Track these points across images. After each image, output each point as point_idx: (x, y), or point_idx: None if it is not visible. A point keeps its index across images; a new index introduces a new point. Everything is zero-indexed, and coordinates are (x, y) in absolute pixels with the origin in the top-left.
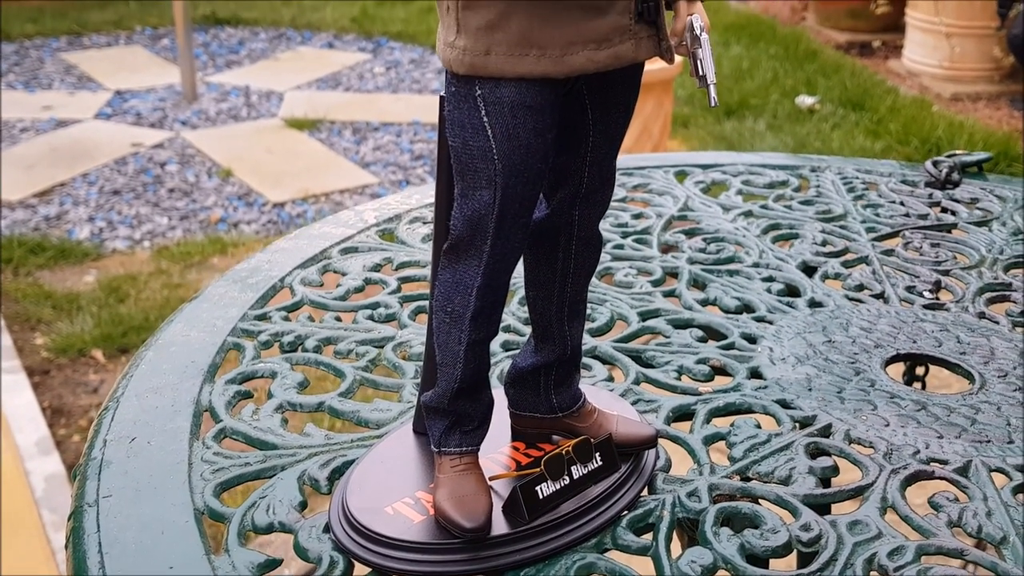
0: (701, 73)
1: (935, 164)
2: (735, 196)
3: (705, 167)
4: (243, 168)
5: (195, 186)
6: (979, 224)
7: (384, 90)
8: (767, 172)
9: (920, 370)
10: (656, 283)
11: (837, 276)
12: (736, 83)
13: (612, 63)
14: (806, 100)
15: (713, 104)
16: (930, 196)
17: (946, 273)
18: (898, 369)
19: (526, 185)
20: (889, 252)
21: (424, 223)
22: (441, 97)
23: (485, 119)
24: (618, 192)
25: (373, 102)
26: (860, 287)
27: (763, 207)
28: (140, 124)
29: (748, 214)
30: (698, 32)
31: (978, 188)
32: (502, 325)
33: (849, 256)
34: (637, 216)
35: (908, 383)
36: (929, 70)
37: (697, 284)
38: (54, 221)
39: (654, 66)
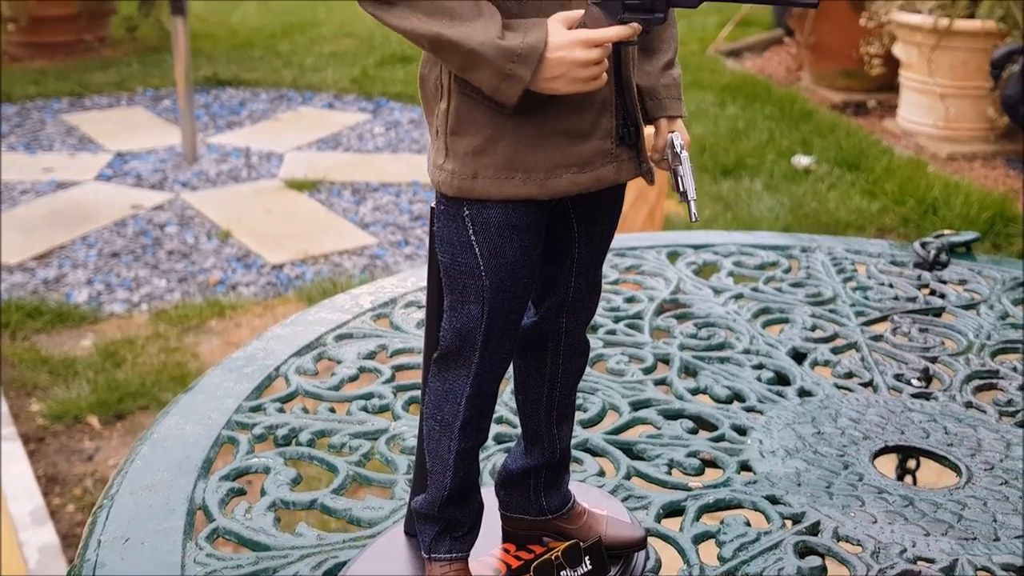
0: (682, 189)
1: (923, 245)
2: (726, 278)
3: (697, 247)
4: (242, 230)
5: (194, 248)
6: (967, 307)
7: (384, 150)
8: (758, 252)
9: (912, 463)
10: (648, 370)
11: (827, 363)
12: (732, 143)
13: (594, 185)
14: (802, 160)
15: (693, 219)
16: (919, 278)
17: (934, 360)
18: (886, 460)
19: (513, 300)
20: (878, 337)
21: (419, 307)
22: (431, 208)
23: (473, 238)
24: (611, 274)
25: (373, 162)
26: (849, 374)
27: (754, 290)
28: (140, 186)
29: (739, 297)
30: (678, 150)
31: (966, 269)
32: (495, 416)
33: (839, 342)
34: (629, 299)
35: (900, 477)
36: (924, 130)
37: (688, 371)
38: (52, 284)
39: (650, 128)
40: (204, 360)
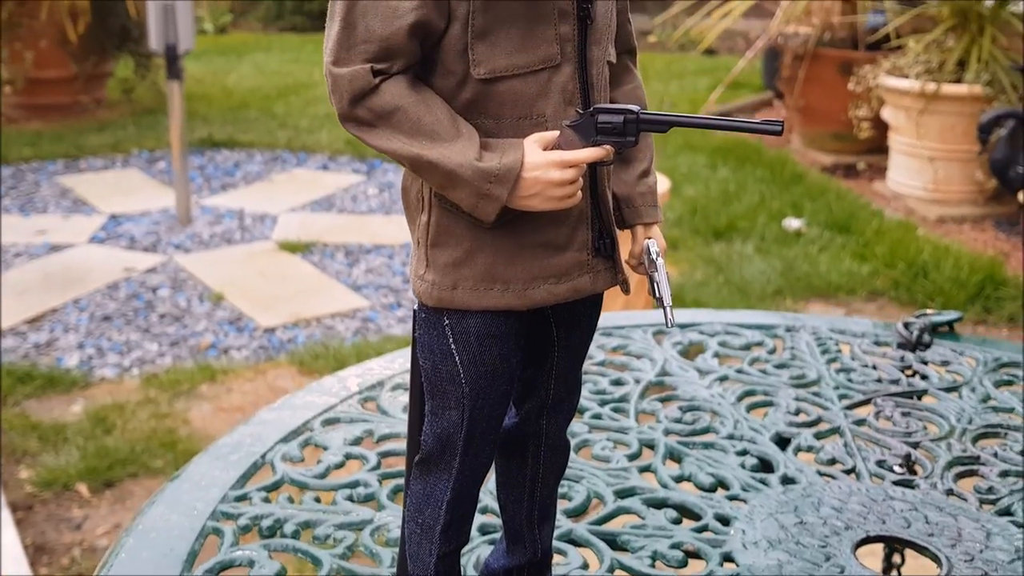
0: (658, 295)
1: (906, 326)
2: (712, 359)
3: (684, 327)
4: (235, 292)
5: (186, 311)
6: (949, 390)
7: (377, 212)
8: (744, 332)
9: (897, 558)
10: (632, 457)
11: (810, 448)
12: (724, 206)
13: (571, 296)
14: (793, 223)
15: (670, 325)
16: (902, 359)
17: (916, 445)
18: (868, 550)
19: (493, 406)
20: (861, 422)
21: (406, 390)
22: (415, 311)
23: (453, 347)
24: (597, 354)
25: (366, 224)
26: (832, 461)
27: (739, 371)
28: (133, 248)
29: (724, 378)
30: (654, 256)
31: (949, 350)
32: (479, 506)
33: (822, 426)
34: (616, 382)
35: (886, 571)
36: (914, 192)
37: (673, 457)
38: (44, 348)
39: None
40: (194, 426)
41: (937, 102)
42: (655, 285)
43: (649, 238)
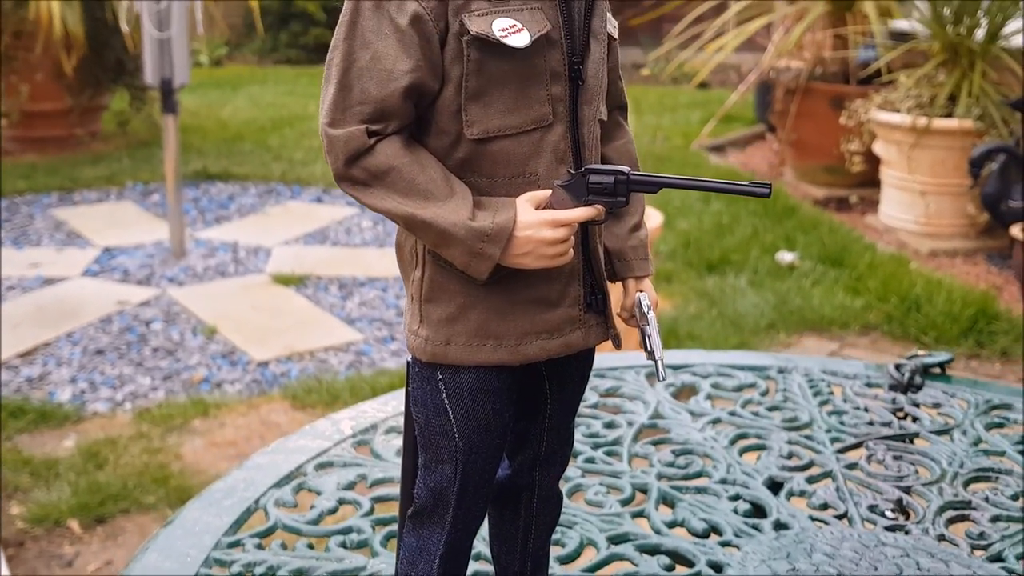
0: (649, 348)
1: (898, 367)
2: (704, 401)
3: (676, 368)
4: (228, 326)
5: (179, 345)
6: (941, 432)
7: (371, 244)
8: (736, 373)
9: None
10: (625, 502)
11: (803, 493)
12: (717, 239)
13: (563, 351)
14: (786, 256)
15: (661, 378)
16: (893, 401)
17: (908, 490)
18: None
19: (486, 460)
20: (853, 465)
21: (399, 433)
22: (408, 363)
23: (446, 401)
24: (591, 396)
25: (360, 257)
26: (824, 506)
27: (732, 414)
28: (127, 281)
29: (717, 421)
30: (645, 310)
31: (940, 392)
32: (473, 553)
33: (814, 470)
34: (608, 425)
35: None
36: (906, 226)
37: (666, 502)
38: (36, 382)
39: None
40: (187, 461)
41: (928, 136)
42: (647, 339)
43: (641, 291)
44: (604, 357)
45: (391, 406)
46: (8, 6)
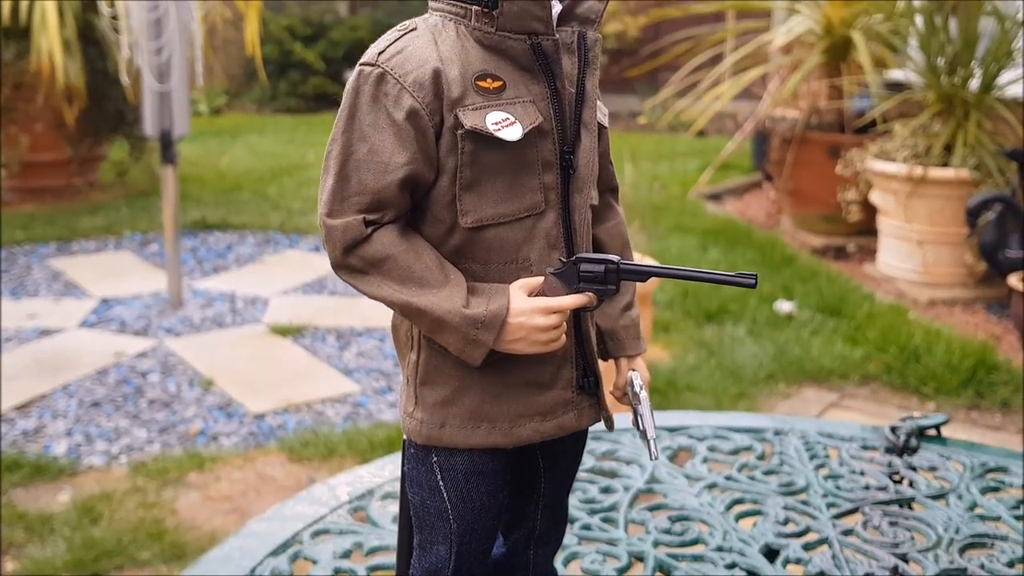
0: (641, 428)
1: (893, 430)
2: (701, 464)
3: (673, 430)
4: (225, 377)
5: (176, 397)
6: (937, 497)
7: None
8: (733, 436)
9: None
10: (622, 570)
11: (799, 561)
12: (715, 288)
13: (557, 433)
14: (784, 306)
15: (653, 458)
16: (889, 464)
17: (903, 557)
18: None
19: (481, 541)
20: (849, 531)
21: (395, 499)
22: (404, 442)
23: (441, 483)
24: (587, 460)
25: (357, 307)
26: (821, 574)
27: (728, 478)
28: (124, 332)
29: (713, 486)
30: (637, 389)
31: (936, 455)
32: None
33: (811, 536)
34: (605, 490)
35: None
36: (904, 275)
37: (663, 570)
38: (32, 435)
39: None
40: (182, 516)
41: (925, 186)
42: (639, 418)
43: (633, 370)
44: None
45: (387, 470)
46: (9, 58)
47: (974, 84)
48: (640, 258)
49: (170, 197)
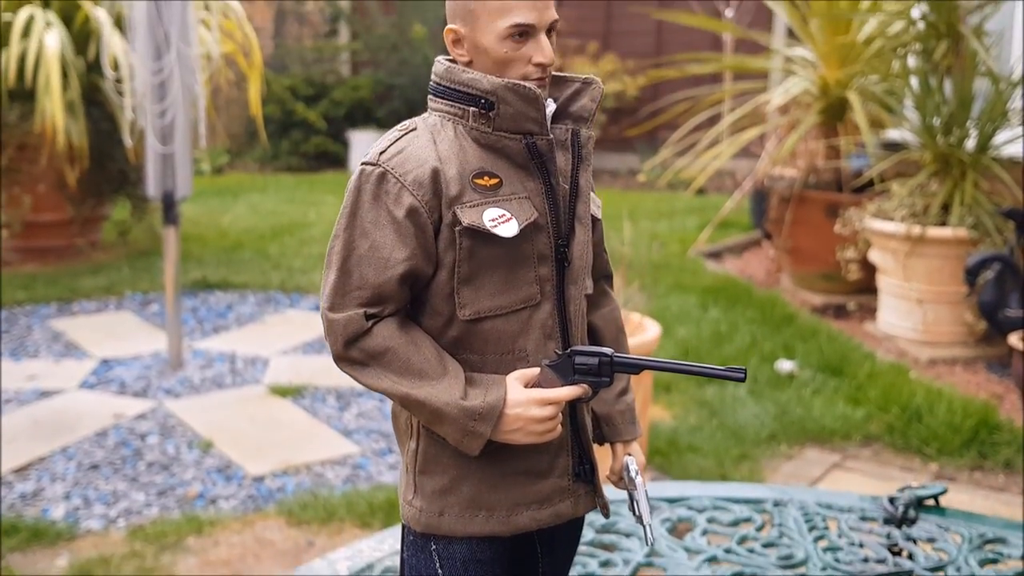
0: (637, 513)
1: (892, 501)
2: (700, 537)
3: (672, 501)
4: (224, 439)
5: (175, 459)
6: (935, 569)
7: None
8: (732, 507)
9: None
10: None
11: None
12: (715, 347)
13: (553, 521)
14: (785, 365)
15: (649, 543)
16: (888, 536)
17: None
18: None
19: None
20: None
21: (395, 574)
22: (403, 528)
23: (440, 571)
24: (586, 533)
25: None
26: None
27: (727, 551)
28: (124, 393)
29: (713, 559)
30: (633, 475)
31: (935, 526)
32: None
33: None
34: (604, 563)
35: None
36: (905, 334)
37: None
38: (30, 499)
39: (632, 340)
40: None
41: (923, 245)
42: (635, 503)
43: (629, 455)
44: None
45: (387, 544)
46: (14, 119)
47: (970, 144)
48: (640, 320)
49: (171, 258)
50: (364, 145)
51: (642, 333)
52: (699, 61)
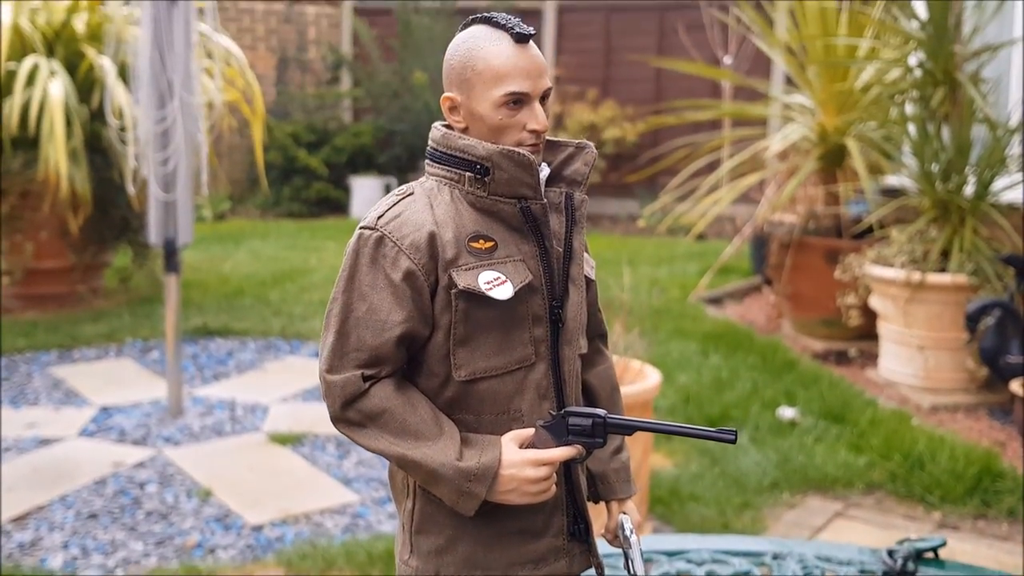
0: (632, 572)
1: (891, 554)
2: None
3: (671, 554)
4: (223, 487)
5: (173, 508)
6: None
7: None
8: (731, 560)
9: None
10: None
11: None
12: (717, 394)
13: None
14: (786, 412)
15: None
16: None
17: None
18: None
19: None
20: None
21: None
22: None
23: None
24: None
25: None
26: None
27: None
28: (123, 441)
29: None
30: (628, 533)
31: None
32: None
33: None
34: None
35: None
36: (906, 380)
37: None
38: (28, 548)
39: (633, 387)
40: None
41: (923, 291)
42: (630, 562)
43: (624, 513)
44: (601, 541)
45: None
46: (17, 167)
47: (969, 190)
48: (640, 366)
49: (172, 305)
50: (365, 191)
51: (643, 380)
52: (698, 108)
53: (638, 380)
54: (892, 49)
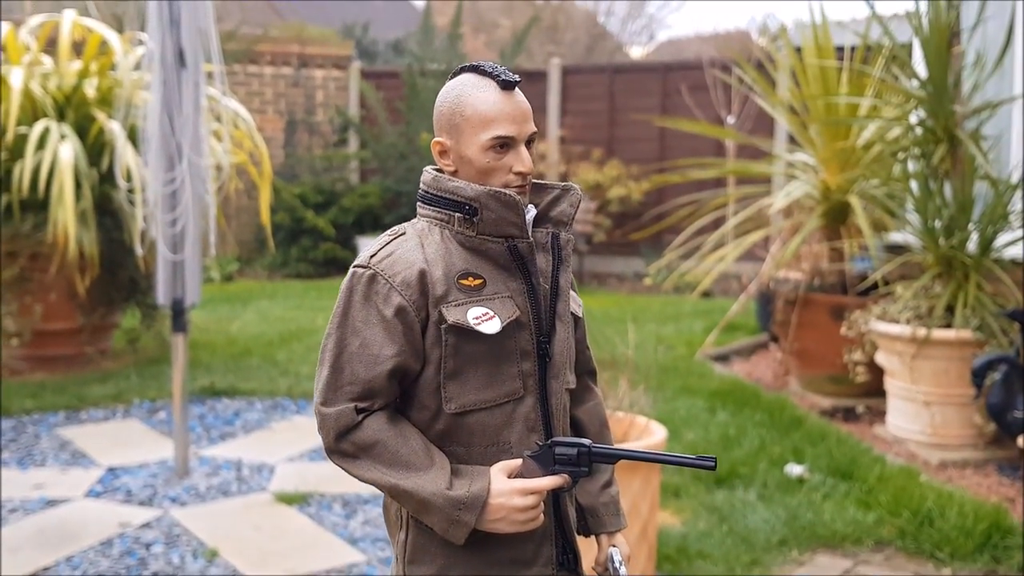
0: None
1: None
2: None
3: None
4: (229, 547)
5: (179, 569)
6: None
7: None
8: None
9: None
10: None
11: None
12: (724, 451)
13: None
14: (794, 469)
15: None
16: None
17: None
18: None
19: None
20: None
21: None
22: None
23: None
24: None
25: None
26: None
27: None
28: (130, 502)
29: None
30: (617, 565)
31: None
32: None
33: None
34: None
35: None
36: (914, 437)
37: None
38: None
39: (639, 443)
40: None
41: (929, 347)
42: None
43: (613, 546)
44: None
45: None
46: (27, 229)
47: (972, 246)
48: (646, 423)
49: (180, 365)
50: None
51: (649, 436)
52: (702, 166)
53: (644, 436)
54: (893, 108)
